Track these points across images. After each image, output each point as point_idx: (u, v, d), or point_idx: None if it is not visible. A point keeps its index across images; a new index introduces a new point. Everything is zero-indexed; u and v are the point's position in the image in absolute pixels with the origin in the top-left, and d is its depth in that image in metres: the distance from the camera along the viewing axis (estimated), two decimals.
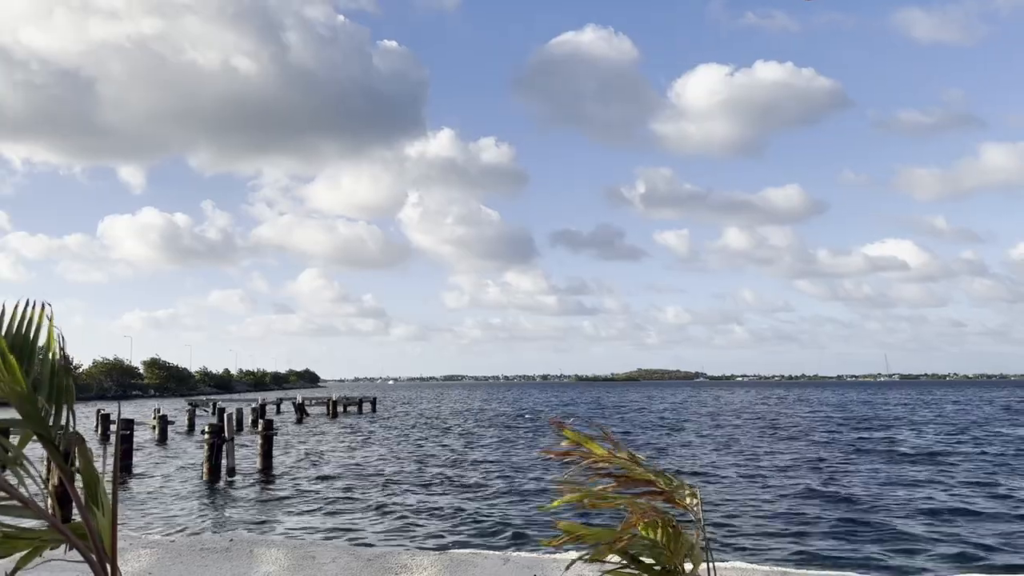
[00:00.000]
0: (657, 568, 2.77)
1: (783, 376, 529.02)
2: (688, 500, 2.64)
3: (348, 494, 20.61)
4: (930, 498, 19.12)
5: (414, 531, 15.73)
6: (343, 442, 38.31)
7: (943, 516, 16.85)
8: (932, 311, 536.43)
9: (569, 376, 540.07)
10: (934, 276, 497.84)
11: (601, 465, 2.67)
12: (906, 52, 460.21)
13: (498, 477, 23.60)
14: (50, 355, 2.50)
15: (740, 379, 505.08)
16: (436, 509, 18.20)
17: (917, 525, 15.96)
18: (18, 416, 2.37)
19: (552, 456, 2.83)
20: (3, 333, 2.44)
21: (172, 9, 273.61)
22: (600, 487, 2.71)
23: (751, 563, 12.01)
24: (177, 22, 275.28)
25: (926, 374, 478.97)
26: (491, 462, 27.90)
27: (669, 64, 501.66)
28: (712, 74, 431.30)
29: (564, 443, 2.78)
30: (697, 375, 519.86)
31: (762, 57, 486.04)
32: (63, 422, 2.42)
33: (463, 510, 18.03)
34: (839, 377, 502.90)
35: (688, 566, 2.78)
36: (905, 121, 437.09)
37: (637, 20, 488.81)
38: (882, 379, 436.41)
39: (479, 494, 20.30)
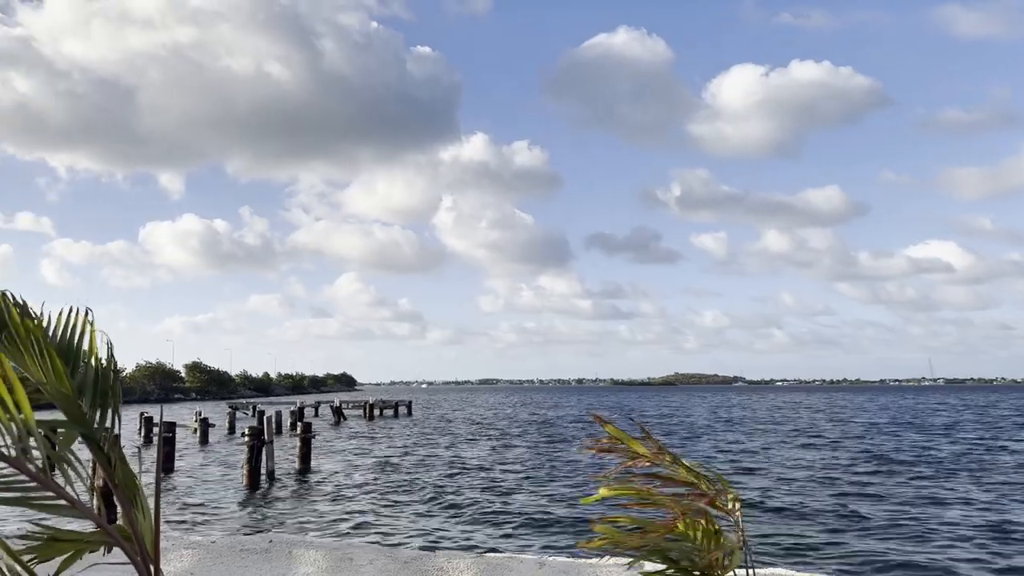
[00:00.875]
0: (696, 573, 2.74)
1: (824, 381, 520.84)
2: (730, 504, 2.60)
3: (385, 496, 20.73)
4: (971, 503, 18.72)
5: (450, 534, 15.76)
6: (379, 445, 38.55)
7: (984, 528, 16.46)
8: (978, 314, 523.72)
9: (605, 380, 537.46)
10: (980, 278, 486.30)
11: (643, 465, 2.64)
12: (948, 49, 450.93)
13: (529, 481, 23.56)
14: (93, 359, 2.55)
15: (780, 384, 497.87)
16: (472, 513, 18.22)
17: (958, 539, 15.62)
18: (64, 418, 2.42)
19: (595, 451, 2.79)
20: (49, 339, 2.49)
21: (205, 17, 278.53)
22: (644, 487, 2.68)
23: (790, 569, 11.84)
24: (211, 29, 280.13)
25: (972, 378, 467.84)
26: (522, 467, 27.88)
27: (704, 65, 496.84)
28: (747, 74, 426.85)
29: (605, 440, 2.75)
30: (736, 379, 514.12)
31: (798, 56, 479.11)
32: (107, 424, 2.46)
33: (500, 514, 18.03)
34: (882, 381, 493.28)
35: (729, 574, 2.74)
36: (947, 120, 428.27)
37: (670, 21, 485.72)
38: (926, 383, 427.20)
39: (514, 498, 20.29)
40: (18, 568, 2.23)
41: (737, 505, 2.67)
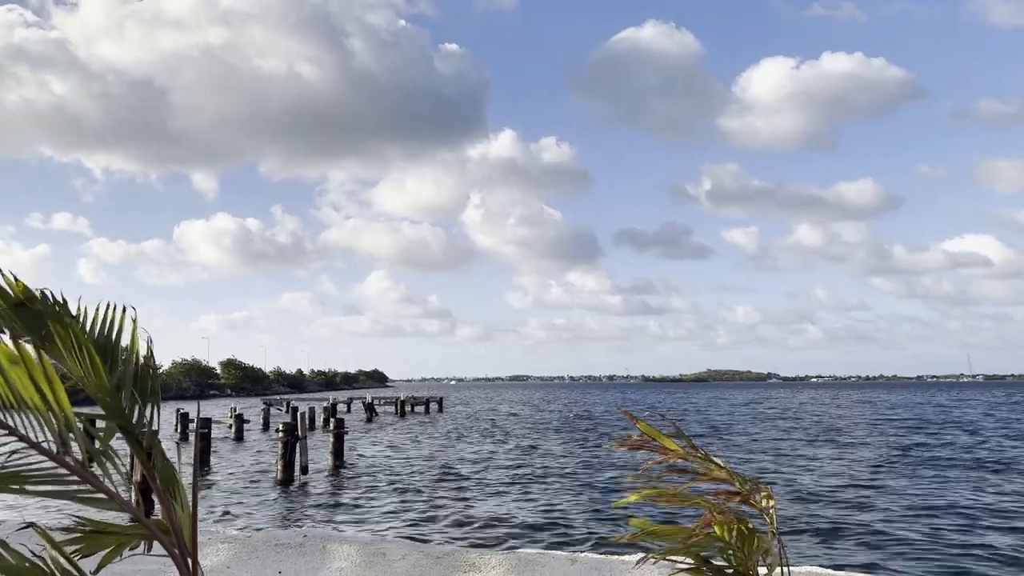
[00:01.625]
0: (729, 571, 2.71)
1: (860, 377, 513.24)
2: (764, 502, 2.57)
3: (416, 492, 20.84)
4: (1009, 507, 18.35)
5: (481, 529, 15.81)
6: (411, 441, 38.76)
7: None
8: (1018, 309, 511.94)
9: (636, 377, 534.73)
10: (1019, 272, 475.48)
11: (676, 462, 2.62)
12: (984, 39, 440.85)
13: (561, 477, 23.52)
14: (133, 356, 2.58)
15: (815, 380, 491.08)
16: (503, 507, 18.25)
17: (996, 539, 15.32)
18: (103, 413, 2.46)
19: (624, 448, 2.76)
20: (88, 335, 2.53)
21: (237, 18, 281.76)
22: (676, 487, 2.66)
23: (825, 567, 11.69)
24: (243, 30, 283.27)
25: (1013, 374, 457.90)
26: (554, 463, 27.85)
27: (733, 58, 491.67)
28: (777, 67, 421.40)
29: (636, 437, 2.72)
30: (769, 376, 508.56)
31: (830, 48, 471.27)
32: (147, 420, 2.50)
33: (531, 510, 18.04)
34: (919, 378, 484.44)
35: (763, 570, 2.71)
36: (984, 111, 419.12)
37: (698, 14, 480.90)
38: (965, 380, 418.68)
39: (545, 493, 20.27)
40: (62, 561, 2.28)
41: (771, 502, 2.64)
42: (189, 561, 2.44)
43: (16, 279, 2.36)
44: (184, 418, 41.89)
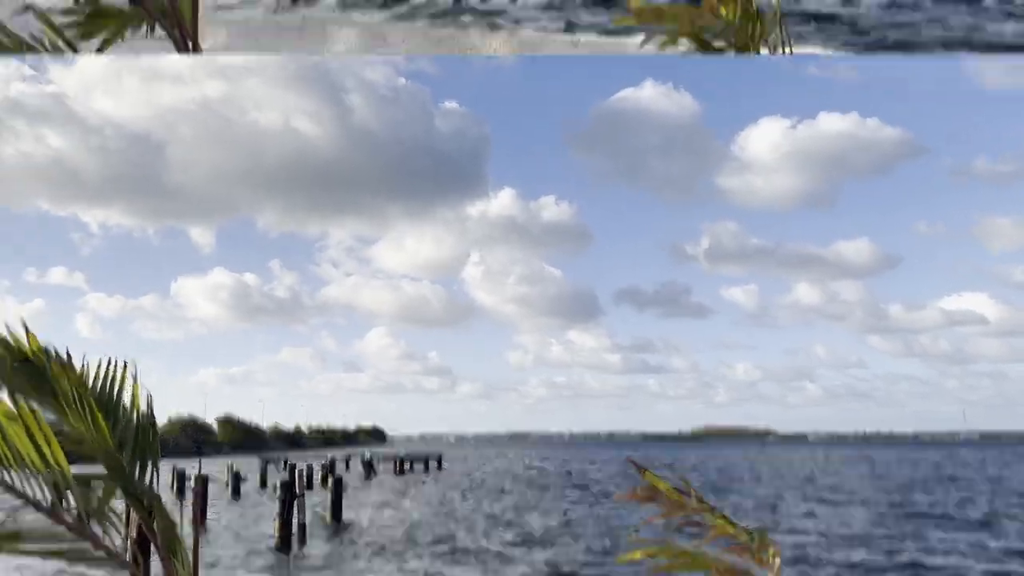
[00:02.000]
0: None
1: (858, 434, 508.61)
2: (772, 560, 2.54)
3: (416, 552, 20.51)
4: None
5: None
6: (410, 500, 38.28)
7: None
8: (1014, 367, 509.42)
9: (635, 434, 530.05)
10: (1015, 331, 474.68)
11: (682, 515, 2.59)
12: (978, 98, 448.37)
13: (561, 535, 23.20)
14: (134, 413, 2.58)
15: (812, 438, 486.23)
16: (505, 573, 17.97)
17: None
18: (104, 471, 2.44)
19: (633, 498, 2.72)
20: (90, 392, 2.54)
21: (234, 71, 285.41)
22: (685, 543, 2.63)
23: None
24: (239, 84, 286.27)
25: (1007, 432, 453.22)
26: (554, 522, 27.52)
27: (731, 117, 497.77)
28: (775, 127, 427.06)
29: (640, 489, 2.68)
30: (768, 433, 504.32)
31: (826, 108, 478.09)
32: (147, 479, 2.49)
33: (534, 572, 17.76)
34: (916, 436, 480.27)
35: None
36: (982, 169, 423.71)
37: (695, 75, 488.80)
38: (961, 438, 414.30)
39: (545, 552, 19.97)
40: None
41: (777, 560, 2.60)
42: None
43: (28, 332, 2.37)
44: (181, 475, 41.43)
